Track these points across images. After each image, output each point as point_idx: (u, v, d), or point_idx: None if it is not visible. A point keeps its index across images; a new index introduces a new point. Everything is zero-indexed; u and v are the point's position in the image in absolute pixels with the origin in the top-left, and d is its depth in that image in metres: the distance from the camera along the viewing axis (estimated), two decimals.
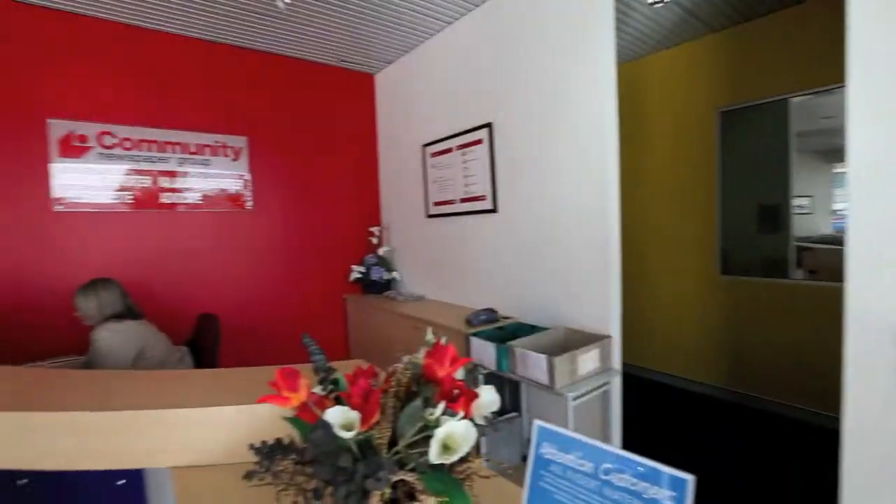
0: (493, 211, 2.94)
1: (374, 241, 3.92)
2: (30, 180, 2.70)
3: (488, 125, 2.91)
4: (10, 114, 2.64)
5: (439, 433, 0.66)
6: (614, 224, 2.30)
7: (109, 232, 2.94)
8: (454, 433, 0.66)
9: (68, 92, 2.80)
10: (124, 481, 1.10)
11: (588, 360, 2.12)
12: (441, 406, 0.70)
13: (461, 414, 0.70)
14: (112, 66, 2.93)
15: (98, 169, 2.89)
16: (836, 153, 2.97)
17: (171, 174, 3.13)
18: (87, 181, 2.87)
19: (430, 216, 3.50)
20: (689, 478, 0.60)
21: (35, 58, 2.71)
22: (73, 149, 2.82)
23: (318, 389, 0.83)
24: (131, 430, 1.07)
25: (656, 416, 3.32)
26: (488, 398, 0.78)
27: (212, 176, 3.27)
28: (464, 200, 3.17)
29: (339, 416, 0.69)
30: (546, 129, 2.57)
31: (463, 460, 0.75)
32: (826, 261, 3.05)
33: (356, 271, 3.78)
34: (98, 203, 2.90)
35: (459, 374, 0.82)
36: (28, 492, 1.11)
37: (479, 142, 2.99)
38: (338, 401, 0.84)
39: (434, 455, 0.65)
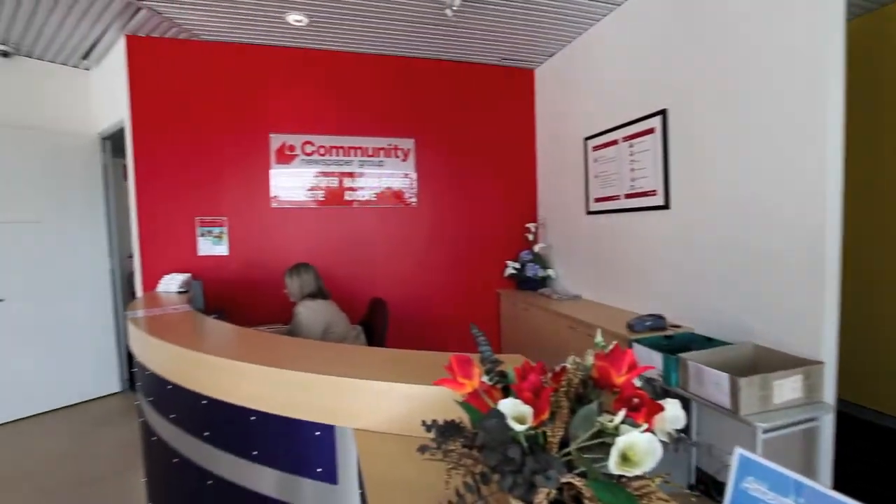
0: (665, 207, 2.64)
1: (530, 237, 3.91)
2: (258, 183, 3.41)
3: (662, 112, 2.62)
4: (246, 132, 3.38)
5: (620, 442, 0.61)
6: (832, 228, 1.85)
7: (306, 224, 3.54)
8: (636, 445, 0.61)
9: (283, 110, 3.45)
10: (320, 433, 1.30)
11: (787, 388, 1.76)
12: (622, 414, 0.65)
13: (644, 426, 0.64)
14: (311, 86, 3.51)
15: (300, 173, 3.50)
16: None
17: (353, 175, 3.61)
18: (292, 183, 3.50)
19: (591, 213, 3.33)
20: None
21: (262, 86, 3.41)
22: (285, 157, 3.46)
23: (484, 379, 0.86)
24: (325, 391, 1.26)
25: (880, 469, 2.58)
26: (674, 413, 0.70)
27: (384, 175, 3.67)
28: (629, 196, 2.93)
29: (512, 408, 0.69)
30: (736, 112, 2.20)
31: (638, 476, 0.69)
32: None
33: (511, 267, 3.82)
34: (299, 201, 3.51)
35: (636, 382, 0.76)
36: (256, 426, 1.40)
37: (649, 131, 2.72)
38: (505, 392, 0.86)
39: (613, 464, 0.61)
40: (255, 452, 1.44)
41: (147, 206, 3.27)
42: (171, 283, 2.94)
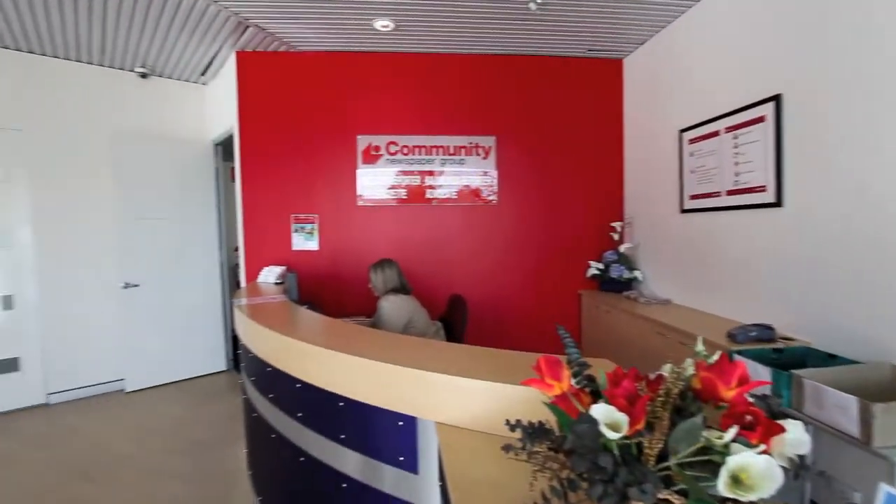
0: (776, 205, 2.36)
1: (615, 236, 3.71)
2: (346, 182, 3.62)
3: (775, 98, 2.34)
4: (336, 135, 3.60)
5: (732, 462, 0.55)
6: None
7: (389, 221, 3.68)
8: (751, 467, 0.55)
9: (369, 113, 3.62)
10: (402, 423, 1.34)
11: None
12: (733, 431, 0.59)
13: (761, 447, 0.58)
14: (396, 88, 3.63)
15: (384, 172, 3.64)
16: None
17: (434, 173, 3.68)
18: (377, 182, 3.65)
19: (685, 211, 3.07)
20: None
21: (350, 90, 3.60)
22: (371, 157, 3.63)
23: (572, 382, 0.83)
24: (409, 383, 1.30)
25: None
26: (797, 437, 0.62)
27: (465, 174, 3.69)
28: (732, 192, 2.65)
29: (605, 415, 0.66)
30: (866, 98, 1.90)
31: (751, 503, 0.62)
32: None
33: (594, 267, 3.66)
34: (383, 199, 3.66)
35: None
36: (343, 411, 1.49)
37: (758, 120, 2.45)
38: (594, 397, 0.82)
39: (723, 486, 0.56)
40: (342, 436, 1.53)
41: (251, 204, 3.62)
42: (269, 275, 3.22)
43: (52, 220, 3.70)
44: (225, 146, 4.28)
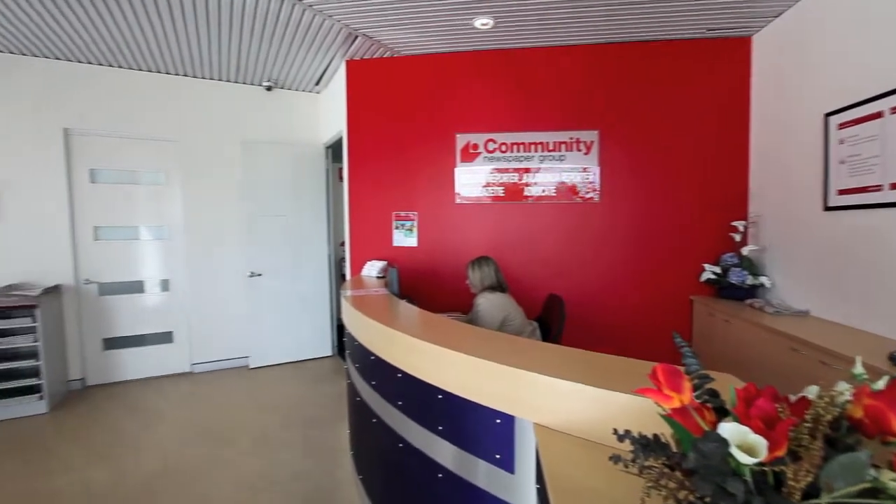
0: None
1: (737, 237, 3.30)
2: (444, 180, 3.70)
3: None
4: (436, 134, 3.69)
5: None
6: None
7: (486, 219, 3.69)
8: None
9: (468, 111, 3.65)
10: (500, 421, 1.33)
11: None
12: None
13: None
14: (494, 86, 3.61)
15: (482, 170, 3.66)
16: None
17: (532, 170, 3.60)
18: (475, 179, 3.68)
19: (831, 208, 2.63)
20: None
21: (450, 90, 3.67)
22: (469, 155, 3.66)
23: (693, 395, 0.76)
24: (508, 381, 1.29)
25: None
26: None
27: (564, 170, 3.56)
28: None
29: (738, 436, 0.59)
30: None
31: None
32: None
33: (709, 271, 3.30)
34: (480, 196, 3.68)
35: None
36: (442, 404, 1.53)
37: None
38: (719, 414, 0.74)
39: None
40: (439, 427, 1.57)
41: (356, 202, 3.87)
42: (372, 269, 3.42)
43: (197, 217, 4.34)
44: (334, 149, 4.63)
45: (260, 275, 4.42)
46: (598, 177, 3.53)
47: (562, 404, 1.17)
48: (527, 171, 3.61)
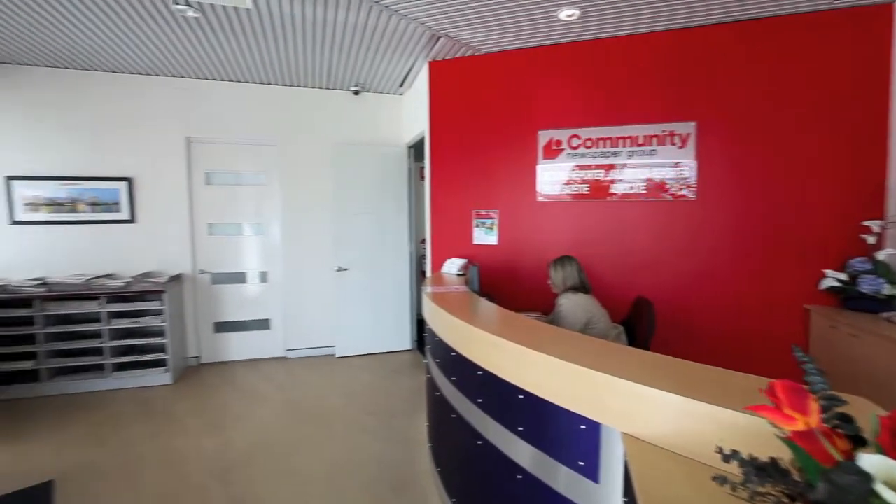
0: None
1: (870, 239, 2.84)
2: (526, 178, 3.64)
3: None
4: (517, 131, 3.64)
5: None
6: None
7: (568, 217, 3.56)
8: None
9: (550, 107, 3.55)
10: (585, 427, 1.28)
11: None
12: None
13: None
14: (578, 79, 3.47)
15: (565, 167, 3.53)
16: None
17: (619, 167, 3.41)
18: (557, 177, 3.57)
19: None
20: None
21: (532, 85, 3.59)
22: (552, 152, 3.56)
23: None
24: (595, 387, 1.23)
25: None
26: None
27: (655, 166, 3.32)
28: None
29: (886, 470, 0.50)
30: None
31: None
32: None
33: (832, 278, 2.89)
34: (563, 194, 3.56)
35: None
36: (523, 404, 1.50)
37: None
38: (853, 442, 0.64)
39: None
40: (520, 428, 1.54)
41: (438, 200, 3.94)
42: (452, 266, 3.47)
43: (293, 215, 4.71)
44: (416, 148, 4.76)
45: (346, 269, 4.68)
46: (694, 172, 3.25)
47: (655, 415, 1.09)
48: (611, 167, 3.42)
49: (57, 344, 3.83)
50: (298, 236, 4.74)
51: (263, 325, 4.79)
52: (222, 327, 4.68)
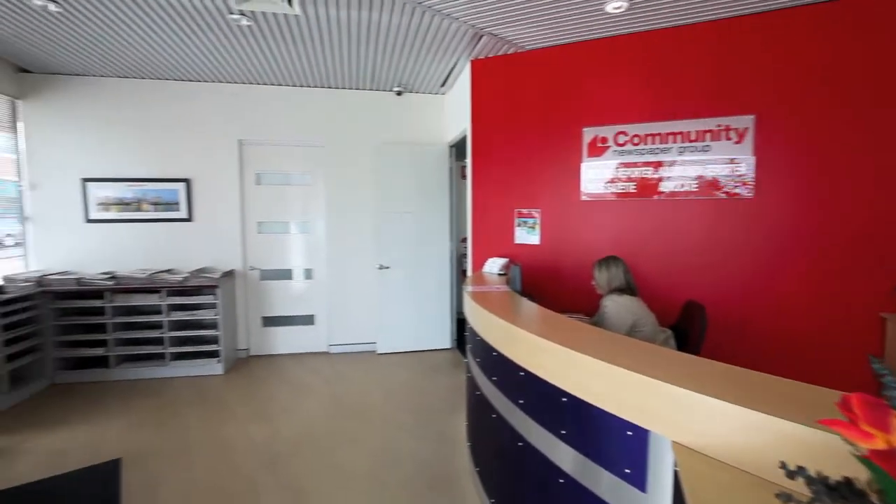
0: None
1: None
2: (570, 176, 3.56)
3: None
4: (561, 129, 3.57)
5: None
6: None
7: (614, 216, 3.45)
8: None
9: (596, 103, 3.45)
10: (632, 434, 1.24)
11: None
12: None
13: None
14: (625, 73, 3.35)
15: (612, 164, 3.43)
16: None
17: (667, 164, 3.27)
18: (602, 175, 3.47)
19: None
20: None
21: (577, 81, 3.50)
22: (597, 149, 3.46)
23: None
24: (644, 392, 1.18)
25: None
26: None
27: (709, 162, 3.16)
28: None
29: None
30: None
31: None
32: None
33: None
34: (609, 192, 3.45)
35: None
36: (567, 407, 1.47)
37: None
38: None
39: None
40: (563, 431, 1.51)
41: (479, 199, 3.93)
42: (493, 266, 3.45)
43: (337, 213, 4.84)
44: (458, 147, 4.76)
45: (388, 267, 4.76)
46: (751, 169, 3.06)
47: (709, 424, 1.04)
48: (660, 164, 3.28)
49: (124, 333, 4.13)
50: (342, 235, 4.86)
51: (308, 320, 4.96)
52: (270, 322, 4.88)
